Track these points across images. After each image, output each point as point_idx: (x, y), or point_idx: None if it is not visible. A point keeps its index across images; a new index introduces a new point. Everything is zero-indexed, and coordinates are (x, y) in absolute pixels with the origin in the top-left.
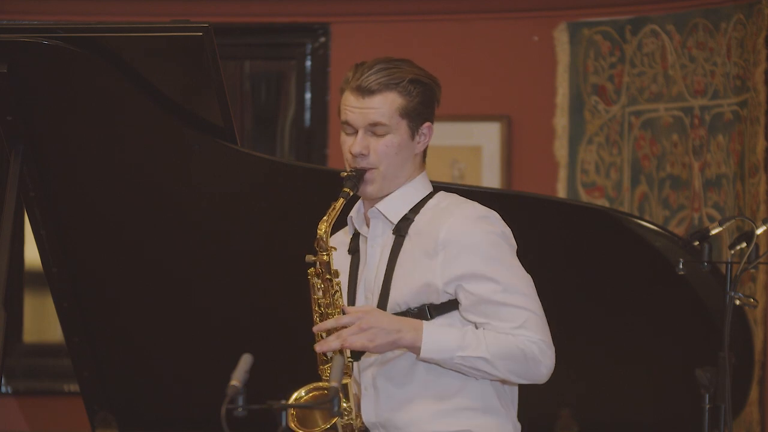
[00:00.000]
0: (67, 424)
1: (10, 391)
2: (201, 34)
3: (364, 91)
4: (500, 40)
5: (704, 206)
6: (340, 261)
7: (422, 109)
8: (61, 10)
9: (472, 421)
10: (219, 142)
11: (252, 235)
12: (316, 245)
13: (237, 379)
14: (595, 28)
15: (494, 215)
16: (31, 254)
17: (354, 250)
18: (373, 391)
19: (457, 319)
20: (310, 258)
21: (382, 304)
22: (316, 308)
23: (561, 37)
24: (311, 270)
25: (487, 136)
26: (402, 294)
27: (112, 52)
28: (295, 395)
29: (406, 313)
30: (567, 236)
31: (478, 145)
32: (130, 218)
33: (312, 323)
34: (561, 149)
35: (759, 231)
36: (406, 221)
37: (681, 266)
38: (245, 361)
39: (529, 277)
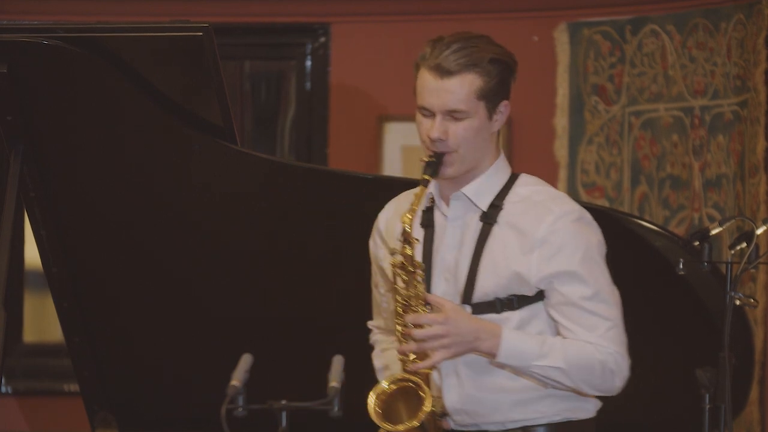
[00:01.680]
0: (67, 424)
1: (10, 391)
2: (201, 34)
3: (443, 72)
4: (500, 40)
5: (704, 206)
6: (398, 224)
7: (500, 88)
8: (61, 10)
9: (556, 406)
10: (219, 142)
11: (252, 235)
12: (400, 238)
13: (237, 379)
14: (595, 28)
15: (590, 217)
16: (31, 254)
17: (427, 224)
18: (456, 378)
19: (542, 311)
20: (394, 250)
21: (468, 291)
22: (398, 299)
23: (561, 37)
24: (394, 262)
25: None
26: (490, 284)
27: (112, 52)
28: (380, 386)
29: (494, 302)
30: None
31: None
32: (130, 218)
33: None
34: (561, 149)
35: (759, 231)
36: (495, 208)
37: (681, 266)
38: (245, 361)
39: (617, 290)
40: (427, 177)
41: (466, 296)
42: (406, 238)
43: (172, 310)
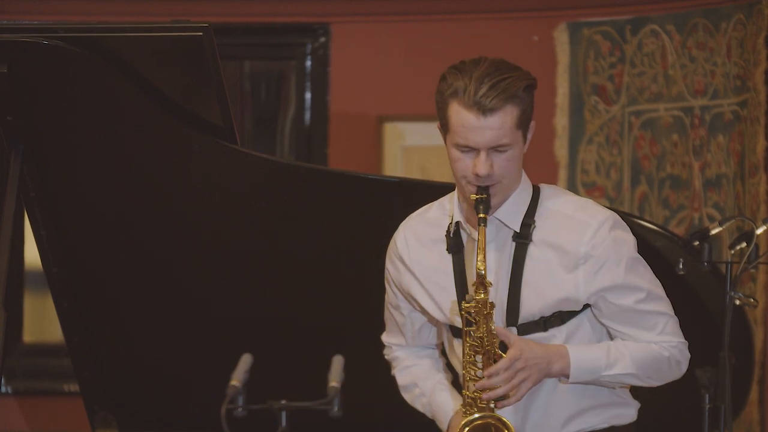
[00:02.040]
0: (67, 424)
1: (10, 391)
2: (201, 34)
3: (485, 110)
4: (500, 40)
5: (704, 206)
6: (435, 258)
7: (530, 111)
8: (61, 10)
9: (602, 415)
10: (219, 142)
11: (252, 235)
12: (475, 284)
13: (237, 379)
14: (595, 28)
15: (620, 220)
16: (31, 254)
17: (456, 249)
18: (511, 406)
19: (586, 319)
20: (470, 297)
21: (512, 314)
22: (468, 341)
23: (561, 37)
24: (467, 306)
25: None
26: (536, 305)
27: (112, 52)
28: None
29: (539, 321)
30: None
31: None
32: (130, 218)
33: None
34: (561, 149)
35: (759, 231)
36: (527, 227)
37: (681, 266)
38: (245, 361)
39: (658, 281)
40: (482, 215)
41: (511, 318)
42: (482, 283)
43: (172, 310)
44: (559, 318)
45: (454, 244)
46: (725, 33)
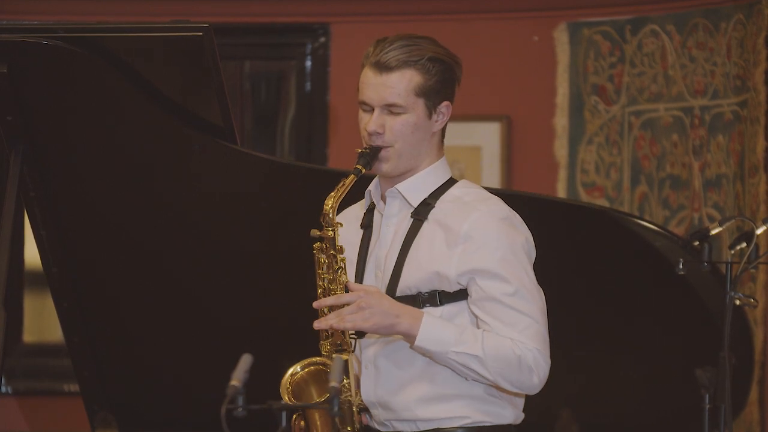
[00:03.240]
0: (67, 424)
1: (10, 391)
2: (201, 34)
3: (383, 67)
4: (500, 40)
5: (704, 206)
6: (352, 234)
7: (440, 87)
8: (61, 10)
9: (468, 408)
10: (219, 142)
11: (252, 235)
12: (321, 220)
13: (237, 379)
14: (595, 28)
15: (519, 219)
16: (31, 254)
17: (367, 225)
18: (374, 370)
19: (466, 308)
20: (315, 233)
21: (393, 285)
22: (320, 283)
23: (561, 37)
24: (316, 245)
25: (487, 136)
26: (413, 278)
27: (112, 52)
28: (290, 370)
29: (417, 297)
30: (567, 236)
31: (477, 145)
32: (130, 218)
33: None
34: (561, 149)
35: (759, 231)
36: (426, 206)
37: (681, 266)
38: (245, 361)
39: (540, 290)
40: (359, 167)
41: (390, 290)
42: (327, 222)
43: (172, 310)
44: (436, 298)
45: (367, 219)
46: (725, 33)
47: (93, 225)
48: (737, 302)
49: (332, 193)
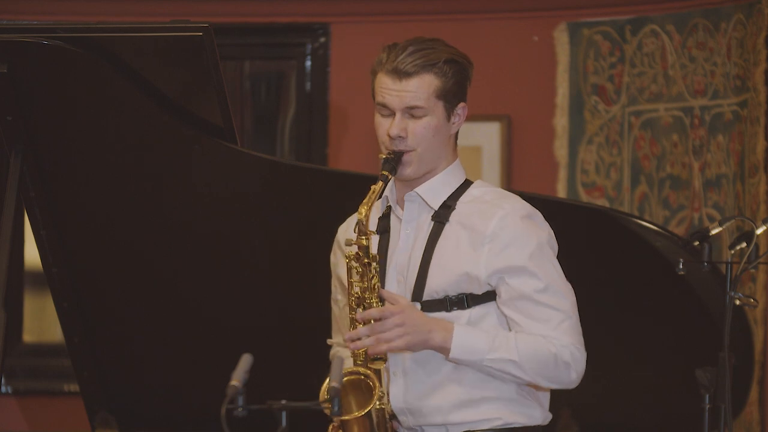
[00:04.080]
0: (67, 424)
1: (10, 391)
2: (201, 34)
3: (401, 74)
4: (500, 40)
5: (704, 206)
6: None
7: (457, 89)
8: (61, 10)
9: (499, 411)
10: (219, 142)
11: (252, 235)
12: (355, 229)
13: (237, 379)
14: (595, 28)
15: (540, 216)
16: (31, 254)
17: (384, 229)
18: (403, 377)
19: (494, 310)
20: (349, 241)
21: (419, 289)
22: (353, 291)
23: (561, 37)
24: (349, 254)
25: (487, 136)
26: (440, 282)
27: (112, 52)
28: (327, 381)
29: (444, 300)
30: (567, 236)
31: (478, 145)
32: (130, 218)
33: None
34: (561, 149)
35: (759, 231)
36: (447, 208)
37: (681, 266)
38: (245, 361)
39: (570, 285)
40: (385, 173)
41: (416, 294)
42: (362, 230)
43: (172, 310)
44: (464, 300)
45: (382, 225)
46: (725, 33)
47: (93, 225)
48: (737, 302)
49: (364, 201)
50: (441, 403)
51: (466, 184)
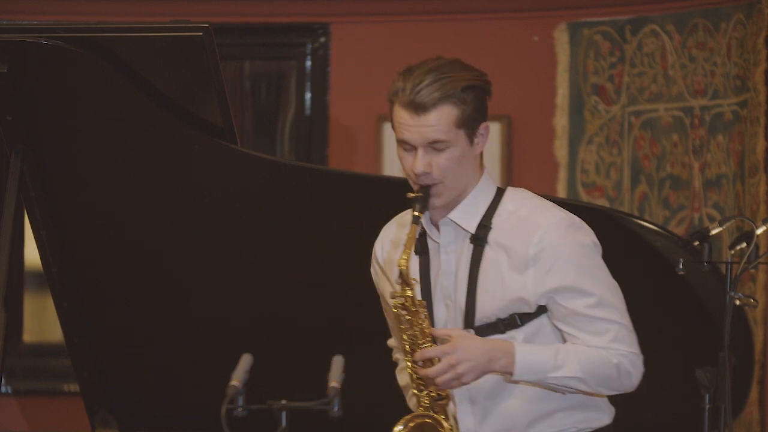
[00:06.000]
0: (67, 424)
1: (10, 391)
2: (201, 34)
3: (418, 108)
4: (500, 40)
5: (704, 206)
6: (394, 254)
7: (477, 113)
8: (61, 10)
9: (570, 419)
10: (219, 142)
11: (252, 235)
12: (398, 281)
13: (237, 379)
14: (595, 28)
15: (579, 220)
16: (31, 254)
17: (422, 251)
18: (470, 405)
19: (547, 322)
20: (395, 294)
21: (470, 316)
22: (405, 337)
23: (561, 37)
24: (396, 302)
25: None
26: (490, 307)
27: (112, 52)
28: (396, 429)
29: (496, 323)
30: None
31: None
32: (130, 218)
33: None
34: (561, 149)
35: (759, 231)
36: (484, 229)
37: (681, 266)
38: (245, 361)
39: (618, 286)
40: (417, 213)
41: (468, 321)
42: (405, 280)
43: (172, 310)
44: (516, 320)
45: (420, 245)
46: (725, 33)
47: (93, 225)
48: (737, 302)
49: (403, 251)
50: (514, 423)
51: (498, 197)
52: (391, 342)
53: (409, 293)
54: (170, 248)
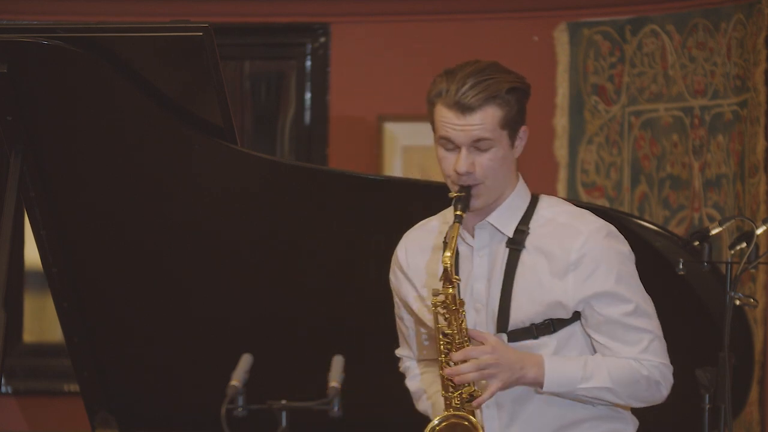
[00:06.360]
0: (67, 424)
1: (10, 391)
2: (201, 34)
3: (464, 108)
4: (500, 40)
5: (704, 206)
6: (427, 263)
7: (519, 116)
8: (61, 10)
9: (596, 429)
10: (219, 142)
11: (252, 235)
12: (442, 278)
13: (237, 379)
14: (595, 28)
15: (616, 231)
16: (31, 254)
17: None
18: (496, 410)
19: (579, 329)
20: (436, 291)
21: (503, 320)
22: (441, 337)
23: (561, 37)
24: (435, 300)
25: None
26: (525, 312)
27: (112, 52)
28: (429, 427)
29: (530, 328)
30: None
31: None
32: (130, 218)
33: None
34: (561, 149)
35: (759, 231)
36: (521, 233)
37: (681, 266)
38: (245, 361)
39: (649, 297)
40: (459, 213)
41: (501, 325)
42: (448, 278)
43: (172, 310)
44: (550, 326)
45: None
46: (725, 33)
47: (93, 225)
48: (737, 302)
49: (447, 249)
50: (540, 430)
51: (534, 202)
52: (401, 351)
53: (451, 291)
54: (170, 248)
